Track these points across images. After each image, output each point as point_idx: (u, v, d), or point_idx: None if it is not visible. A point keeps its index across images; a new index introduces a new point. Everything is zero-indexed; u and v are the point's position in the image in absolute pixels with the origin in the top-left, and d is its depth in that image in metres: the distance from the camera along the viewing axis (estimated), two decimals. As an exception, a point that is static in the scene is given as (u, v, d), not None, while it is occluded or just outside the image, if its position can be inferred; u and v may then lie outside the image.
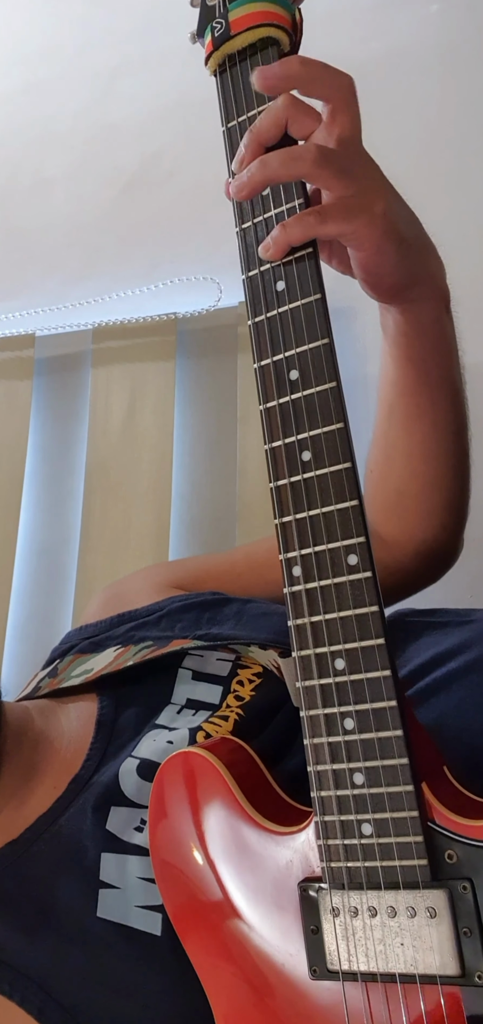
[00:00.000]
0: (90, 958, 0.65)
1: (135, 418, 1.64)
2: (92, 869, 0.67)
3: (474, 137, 1.50)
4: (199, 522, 1.58)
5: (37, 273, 1.78)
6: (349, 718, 0.56)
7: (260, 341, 0.62)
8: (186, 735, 0.72)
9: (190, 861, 0.63)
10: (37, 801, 0.74)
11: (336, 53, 1.49)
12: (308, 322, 0.60)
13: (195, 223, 1.59)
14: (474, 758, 0.62)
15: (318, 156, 0.59)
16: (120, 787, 0.71)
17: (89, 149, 1.77)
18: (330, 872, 0.56)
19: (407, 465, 0.86)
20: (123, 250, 1.73)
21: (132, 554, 1.55)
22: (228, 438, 1.57)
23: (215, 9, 0.67)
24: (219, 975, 0.61)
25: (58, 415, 1.73)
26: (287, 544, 0.59)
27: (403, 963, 0.54)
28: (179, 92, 1.56)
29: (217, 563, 1.04)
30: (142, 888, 0.66)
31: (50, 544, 1.65)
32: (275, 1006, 0.59)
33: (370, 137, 0.67)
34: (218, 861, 0.62)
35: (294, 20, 0.67)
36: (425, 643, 0.76)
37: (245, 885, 0.60)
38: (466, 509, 0.90)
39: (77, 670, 0.86)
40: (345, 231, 0.62)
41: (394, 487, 0.88)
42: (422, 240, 0.73)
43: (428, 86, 1.54)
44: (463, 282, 0.83)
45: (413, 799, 0.54)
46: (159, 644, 0.83)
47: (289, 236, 0.60)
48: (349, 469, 0.58)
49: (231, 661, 0.80)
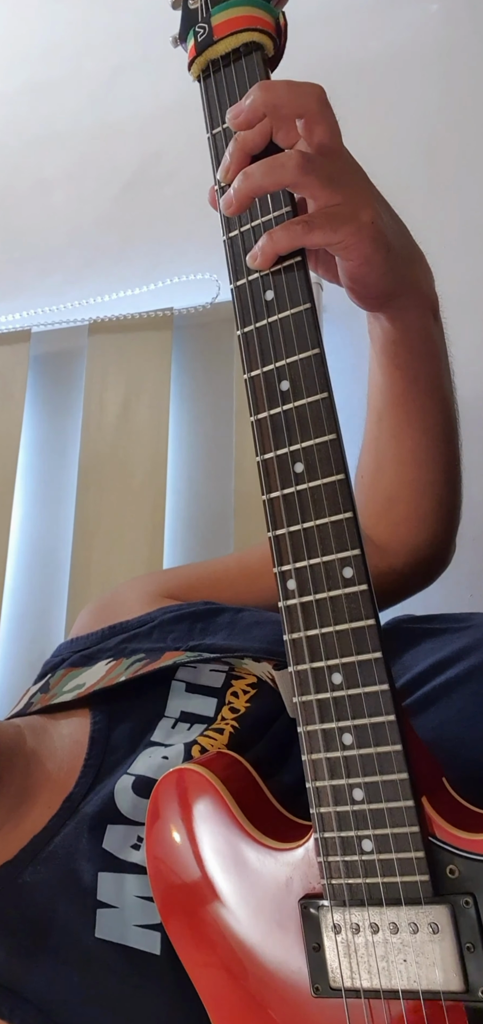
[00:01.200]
0: (89, 979, 0.64)
1: (130, 413, 1.63)
2: (89, 889, 0.66)
3: (474, 137, 1.49)
4: (195, 518, 1.58)
5: (36, 273, 1.78)
6: (347, 733, 0.56)
7: (250, 352, 0.61)
8: (181, 750, 0.71)
9: (188, 878, 0.62)
10: (31, 822, 0.73)
11: (336, 53, 1.48)
12: (298, 332, 0.59)
13: (195, 223, 1.58)
14: (474, 768, 0.61)
15: (302, 163, 0.59)
16: (116, 804, 0.70)
17: (89, 149, 1.76)
18: (331, 889, 0.56)
19: (398, 471, 0.86)
20: (123, 250, 1.73)
21: (127, 550, 1.54)
22: (224, 434, 1.56)
23: (197, 13, 0.66)
24: (220, 994, 0.60)
25: (52, 410, 1.72)
26: (281, 557, 0.59)
27: (406, 979, 0.53)
28: (179, 92, 1.55)
29: (209, 571, 1.03)
30: (140, 907, 0.65)
31: (44, 540, 1.65)
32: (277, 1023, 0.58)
33: (370, 137, 0.66)
34: (217, 879, 0.61)
35: (278, 24, 0.66)
36: (423, 650, 0.76)
37: (245, 903, 0.60)
38: (458, 513, 0.90)
39: (69, 685, 0.85)
40: (332, 240, 0.61)
41: (385, 493, 0.87)
42: (409, 248, 0.72)
43: (428, 86, 1.53)
44: (463, 282, 0.83)
45: (413, 814, 0.53)
46: (151, 657, 0.83)
47: (276, 245, 0.59)
48: (342, 481, 0.57)
49: (225, 672, 0.79)
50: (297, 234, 0.59)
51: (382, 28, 1.55)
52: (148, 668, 0.80)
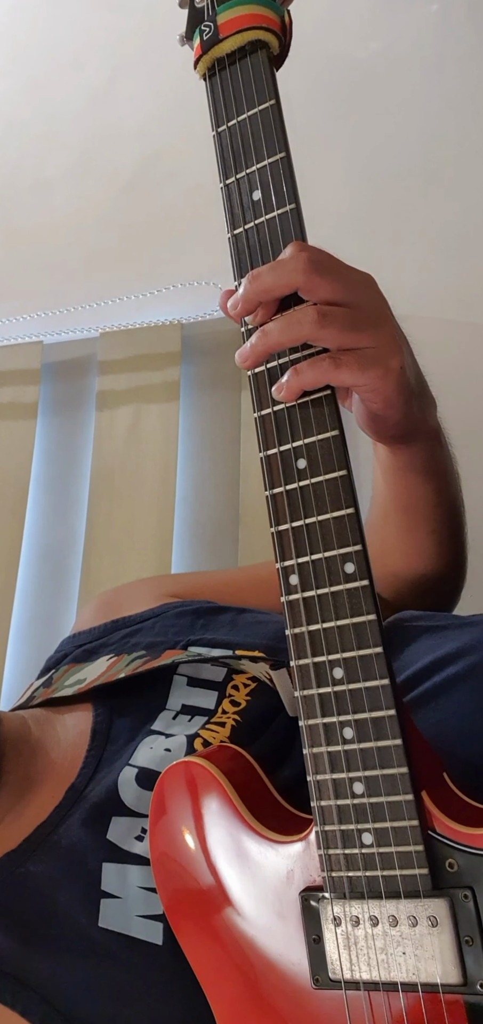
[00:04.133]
0: (92, 968, 0.65)
1: (140, 424, 1.64)
2: (93, 879, 0.67)
3: (474, 137, 1.49)
4: (202, 527, 1.58)
5: (38, 274, 1.78)
6: (348, 727, 0.56)
7: None
8: (184, 742, 0.72)
9: (191, 870, 0.63)
10: (34, 811, 0.74)
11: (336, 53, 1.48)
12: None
13: (195, 223, 1.58)
14: (474, 764, 0.62)
15: (317, 318, 0.58)
16: (120, 797, 0.70)
17: (89, 149, 1.76)
18: (331, 881, 0.56)
19: (403, 561, 0.88)
20: (124, 250, 1.73)
21: (136, 558, 1.55)
22: (231, 443, 1.57)
23: (204, 11, 0.66)
24: (221, 983, 0.61)
25: (64, 421, 1.73)
26: (283, 553, 0.59)
27: (405, 972, 0.54)
28: (179, 92, 1.55)
29: (217, 579, 1.05)
30: (143, 898, 0.66)
31: (55, 548, 1.65)
32: (278, 1014, 0.58)
33: (370, 137, 0.67)
34: (219, 870, 0.61)
35: (283, 22, 0.66)
36: (423, 647, 0.76)
37: (247, 894, 0.60)
38: (463, 573, 0.93)
39: (70, 680, 0.86)
40: (359, 382, 0.60)
41: (391, 571, 0.89)
42: (423, 388, 0.72)
43: (428, 86, 1.53)
44: (463, 282, 0.83)
45: (413, 808, 0.54)
46: (151, 654, 0.83)
47: (301, 381, 0.58)
48: (344, 477, 0.57)
49: (226, 666, 0.80)
50: (324, 371, 0.58)
51: (382, 28, 1.55)
52: (148, 666, 0.81)
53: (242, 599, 0.95)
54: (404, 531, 0.86)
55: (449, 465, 0.83)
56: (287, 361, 0.60)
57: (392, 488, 0.82)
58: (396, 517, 0.85)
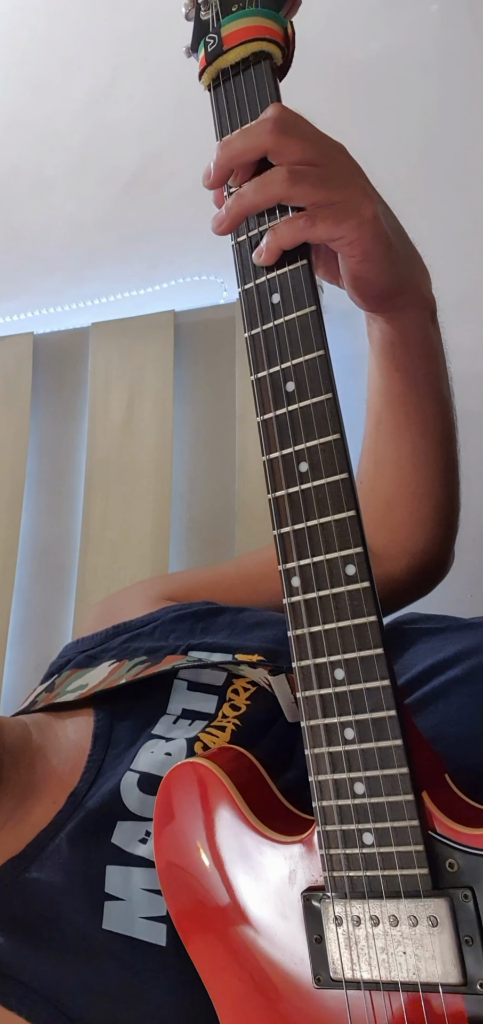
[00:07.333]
0: (96, 970, 0.65)
1: (134, 416, 1.63)
2: (97, 882, 0.67)
3: (474, 137, 1.49)
4: (198, 520, 1.58)
5: (36, 273, 1.78)
6: (349, 728, 0.56)
7: (257, 353, 0.62)
8: (184, 746, 0.72)
9: (194, 871, 0.63)
10: (37, 817, 0.74)
11: (336, 53, 1.48)
12: (303, 334, 0.60)
13: (195, 223, 1.58)
14: (474, 768, 0.62)
15: (289, 176, 0.59)
16: (123, 802, 0.71)
17: (89, 149, 1.76)
18: (332, 881, 0.57)
19: (396, 475, 0.86)
20: (123, 250, 1.73)
21: (132, 553, 1.55)
22: (227, 436, 1.57)
23: (208, 24, 0.67)
24: (225, 983, 0.61)
25: (57, 413, 1.73)
26: (286, 555, 0.59)
27: (406, 972, 0.54)
28: (179, 92, 1.56)
29: (209, 576, 1.04)
30: (147, 899, 0.66)
31: (51, 543, 1.66)
32: (280, 1014, 0.59)
33: (370, 137, 0.67)
34: (222, 870, 0.62)
35: (286, 34, 0.67)
36: (423, 650, 0.76)
37: (249, 894, 0.61)
38: (456, 518, 0.91)
39: (72, 685, 0.86)
40: (335, 234, 0.62)
41: (384, 498, 0.88)
42: (407, 248, 0.73)
43: (428, 86, 1.53)
44: (463, 282, 0.83)
45: (413, 808, 0.54)
46: (152, 659, 0.84)
47: (280, 240, 0.60)
48: (346, 480, 0.58)
49: (226, 671, 0.80)
50: (300, 228, 0.59)
51: (382, 28, 1.55)
52: (149, 671, 0.81)
53: (236, 597, 0.96)
54: (396, 434, 0.85)
55: (443, 357, 0.83)
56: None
57: (386, 376, 0.81)
58: (389, 418, 0.84)
